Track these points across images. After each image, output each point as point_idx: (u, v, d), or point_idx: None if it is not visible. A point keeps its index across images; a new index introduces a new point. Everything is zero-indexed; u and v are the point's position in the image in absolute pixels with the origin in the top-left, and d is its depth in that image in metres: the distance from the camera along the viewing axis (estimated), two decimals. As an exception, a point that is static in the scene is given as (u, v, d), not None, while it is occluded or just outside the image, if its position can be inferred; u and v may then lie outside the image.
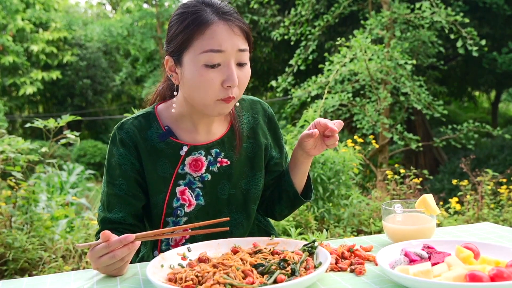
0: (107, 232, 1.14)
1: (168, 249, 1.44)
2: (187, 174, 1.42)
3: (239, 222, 1.48)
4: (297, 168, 1.49)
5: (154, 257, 1.45)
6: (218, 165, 1.44)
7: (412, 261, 1.10)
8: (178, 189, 1.42)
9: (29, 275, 3.17)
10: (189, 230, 1.31)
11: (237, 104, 1.50)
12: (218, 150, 1.44)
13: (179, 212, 1.42)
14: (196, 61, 1.28)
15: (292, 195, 1.51)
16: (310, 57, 7.56)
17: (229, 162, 1.45)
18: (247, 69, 1.34)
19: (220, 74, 1.28)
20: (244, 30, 1.32)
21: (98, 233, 1.41)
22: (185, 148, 1.41)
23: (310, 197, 1.55)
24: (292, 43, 8.20)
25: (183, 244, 1.45)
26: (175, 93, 1.45)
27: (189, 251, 1.20)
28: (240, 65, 1.32)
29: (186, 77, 1.32)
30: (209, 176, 1.43)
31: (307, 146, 1.41)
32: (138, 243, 1.16)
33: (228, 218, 1.30)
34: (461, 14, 6.46)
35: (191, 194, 1.43)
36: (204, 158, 1.43)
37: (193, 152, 1.42)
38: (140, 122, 1.43)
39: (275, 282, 1.00)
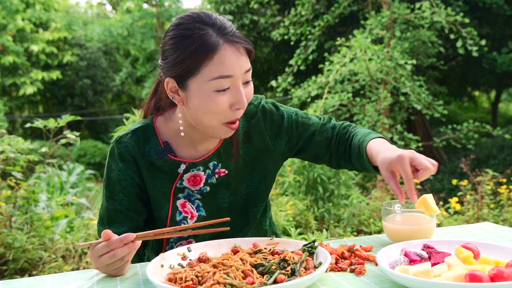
0: (108, 231, 1.14)
1: None
2: (186, 188, 1.41)
3: (240, 228, 1.47)
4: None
5: None
6: (216, 176, 1.42)
7: (412, 261, 1.10)
8: (178, 202, 1.41)
9: (29, 275, 3.17)
10: (189, 230, 1.31)
11: None
12: (215, 162, 1.42)
13: (182, 225, 1.41)
14: (206, 88, 1.25)
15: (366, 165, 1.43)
16: (310, 57, 7.56)
17: (226, 172, 1.43)
18: (251, 85, 1.33)
19: (229, 97, 1.26)
20: (248, 50, 1.30)
21: None
22: (183, 166, 1.39)
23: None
24: (292, 43, 8.20)
25: None
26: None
27: (189, 251, 1.20)
28: (246, 83, 1.30)
29: (194, 102, 1.28)
30: (208, 188, 1.42)
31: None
32: (138, 242, 1.16)
33: (229, 218, 1.28)
34: (461, 14, 6.46)
35: (191, 206, 1.41)
36: (202, 173, 1.41)
37: (191, 169, 1.40)
38: (138, 137, 1.39)
39: (275, 282, 1.00)
